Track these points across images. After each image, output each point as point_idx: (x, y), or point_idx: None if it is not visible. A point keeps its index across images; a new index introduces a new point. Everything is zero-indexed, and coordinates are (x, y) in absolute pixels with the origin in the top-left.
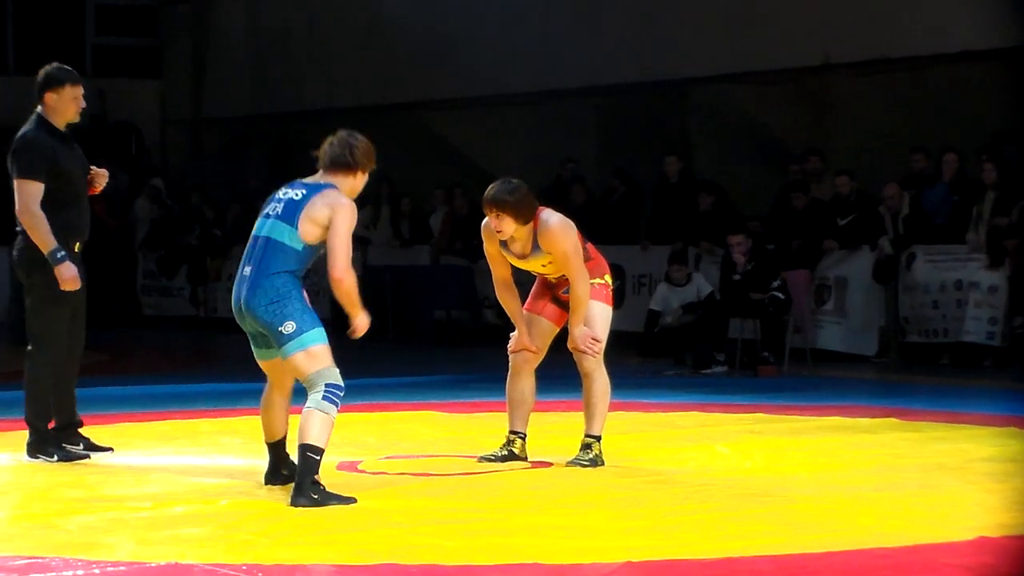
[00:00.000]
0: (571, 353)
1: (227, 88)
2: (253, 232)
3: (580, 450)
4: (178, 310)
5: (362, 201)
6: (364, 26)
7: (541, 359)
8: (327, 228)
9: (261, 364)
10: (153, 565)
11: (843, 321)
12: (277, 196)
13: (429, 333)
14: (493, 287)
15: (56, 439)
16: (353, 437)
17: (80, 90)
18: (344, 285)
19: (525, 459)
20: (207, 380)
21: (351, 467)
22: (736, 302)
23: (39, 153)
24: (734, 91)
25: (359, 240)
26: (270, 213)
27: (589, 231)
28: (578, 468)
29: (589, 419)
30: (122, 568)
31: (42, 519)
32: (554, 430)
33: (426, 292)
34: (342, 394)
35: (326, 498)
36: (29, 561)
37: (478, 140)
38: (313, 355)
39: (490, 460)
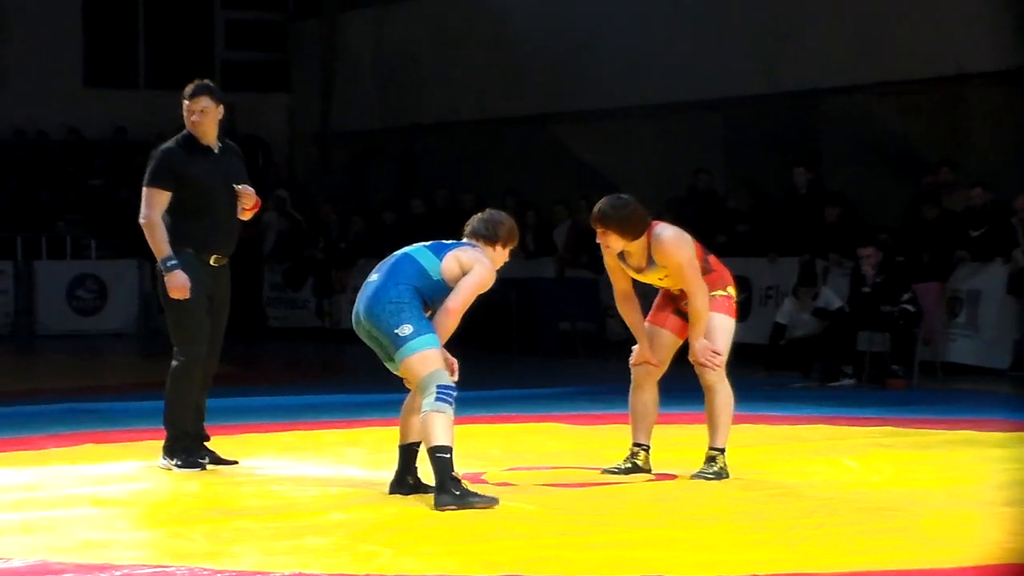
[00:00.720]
0: (693, 365)
1: (354, 102)
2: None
3: (704, 463)
4: (304, 322)
5: None
6: (489, 39)
7: (664, 371)
8: (465, 274)
9: (397, 372)
10: (278, 574)
11: (975, 334)
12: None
13: (554, 345)
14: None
15: (185, 447)
16: (477, 449)
17: (198, 103)
18: (449, 320)
19: (649, 471)
20: (332, 391)
21: (475, 478)
22: (866, 315)
23: (165, 163)
24: (865, 102)
25: None
26: (410, 247)
27: (714, 243)
28: (703, 481)
29: (713, 431)
30: None
31: (168, 528)
32: (678, 442)
33: (551, 304)
34: (455, 394)
35: (467, 495)
36: (155, 570)
37: (604, 152)
38: (427, 358)
39: (614, 472)
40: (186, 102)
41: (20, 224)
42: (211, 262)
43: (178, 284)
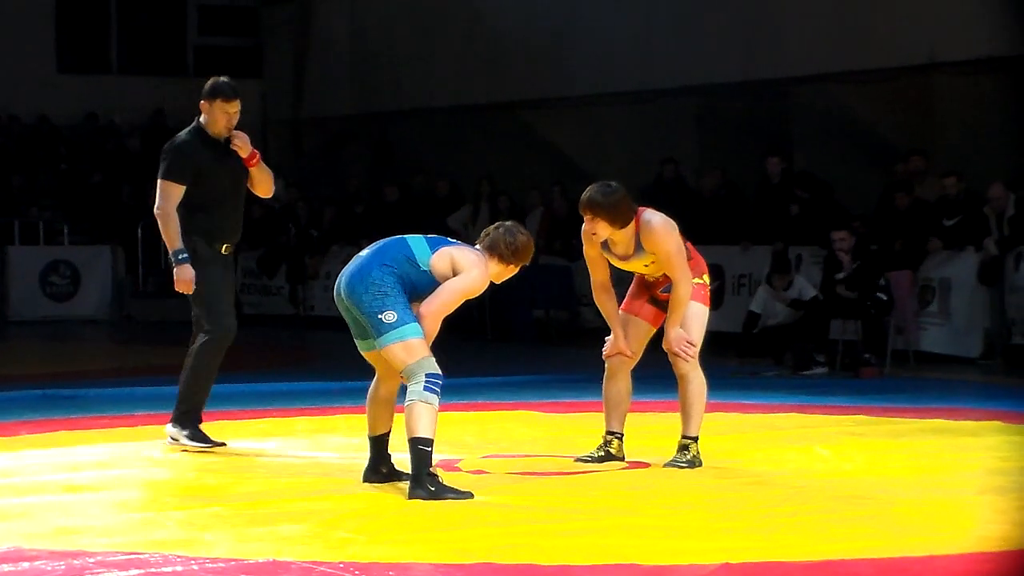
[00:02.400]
0: (667, 354)
1: (327, 88)
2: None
3: (677, 451)
4: (277, 309)
5: (461, 200)
6: (465, 25)
7: (637, 360)
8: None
9: (365, 355)
10: (251, 562)
11: (946, 323)
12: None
13: (527, 333)
14: (591, 288)
15: (196, 422)
16: (451, 436)
17: (233, 106)
18: (426, 324)
19: (622, 459)
20: (305, 379)
21: (449, 466)
22: (838, 303)
23: (182, 157)
24: (837, 90)
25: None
26: (412, 235)
27: (691, 231)
28: (676, 469)
29: (686, 420)
30: (220, 564)
31: (141, 515)
32: (652, 431)
33: (524, 292)
34: (442, 383)
35: (442, 491)
36: (128, 557)
37: (578, 139)
38: (411, 346)
39: (587, 460)
40: (217, 102)
41: None
42: (222, 251)
43: (185, 278)
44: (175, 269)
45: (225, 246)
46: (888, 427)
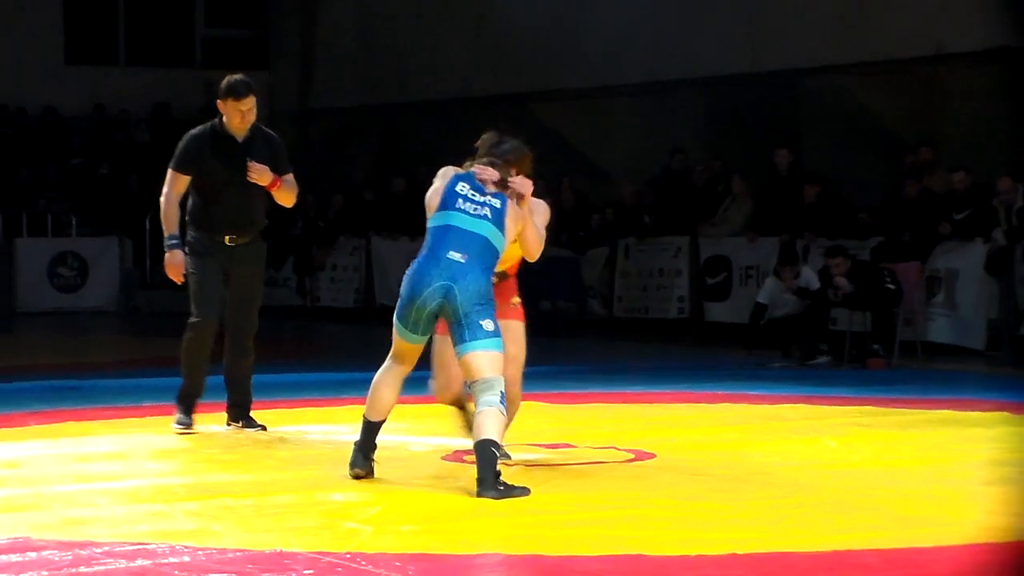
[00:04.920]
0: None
1: (334, 79)
2: (449, 222)
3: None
4: (285, 300)
5: None
6: (471, 17)
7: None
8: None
9: (403, 346)
10: (259, 553)
11: (952, 313)
12: (467, 195)
13: (535, 324)
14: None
15: (187, 406)
16: (457, 428)
17: (245, 104)
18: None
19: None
20: (312, 369)
21: (457, 458)
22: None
23: (187, 148)
24: (845, 81)
25: None
26: (471, 212)
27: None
28: (681, 461)
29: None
30: (228, 555)
31: (149, 506)
32: (658, 422)
33: (532, 283)
34: None
35: (509, 490)
36: (136, 548)
37: (585, 130)
38: (497, 360)
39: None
40: (231, 100)
41: (0, 201)
42: (226, 241)
43: (173, 263)
44: (166, 254)
45: (229, 237)
46: (895, 418)
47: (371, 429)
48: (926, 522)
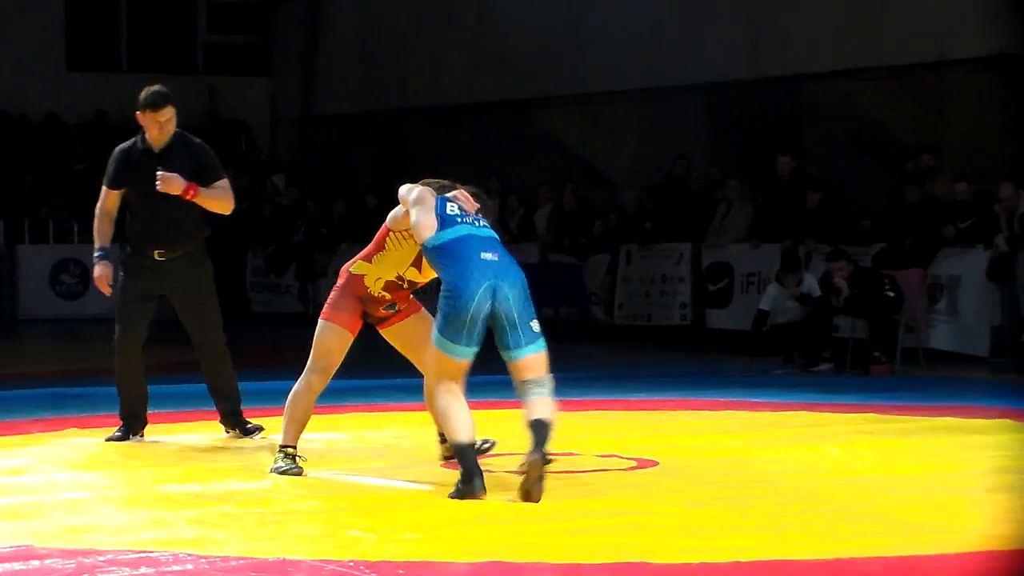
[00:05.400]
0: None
1: (337, 85)
2: (464, 232)
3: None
4: (287, 307)
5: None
6: (474, 23)
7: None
8: None
9: (460, 363)
10: (262, 560)
11: (954, 320)
12: (461, 212)
13: None
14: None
15: (128, 425)
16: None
17: (162, 115)
18: None
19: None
20: None
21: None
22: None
23: (114, 162)
24: (848, 88)
25: None
26: (473, 223)
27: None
28: (684, 468)
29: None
30: (231, 563)
31: (152, 513)
32: (658, 429)
33: (534, 289)
34: None
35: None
36: (139, 555)
37: (588, 136)
38: (546, 358)
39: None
40: (148, 112)
41: (2, 208)
42: (155, 256)
43: (96, 275)
44: (94, 268)
45: (158, 252)
46: (898, 425)
47: (471, 451)
48: (929, 530)
